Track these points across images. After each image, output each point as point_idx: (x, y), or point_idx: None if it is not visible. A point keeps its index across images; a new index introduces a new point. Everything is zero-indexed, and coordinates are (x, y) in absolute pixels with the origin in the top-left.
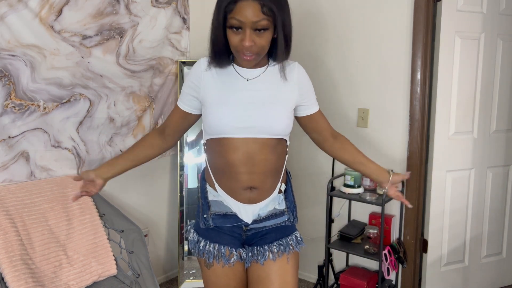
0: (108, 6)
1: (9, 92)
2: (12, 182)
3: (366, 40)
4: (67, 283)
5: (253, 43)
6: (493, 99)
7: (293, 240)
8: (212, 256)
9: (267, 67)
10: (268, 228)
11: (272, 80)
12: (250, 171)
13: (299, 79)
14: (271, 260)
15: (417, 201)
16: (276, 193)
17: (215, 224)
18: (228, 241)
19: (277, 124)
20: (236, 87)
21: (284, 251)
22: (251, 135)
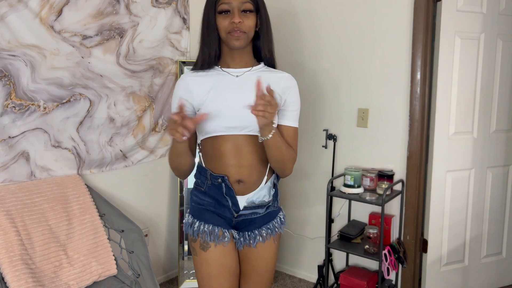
0: (108, 6)
1: (9, 92)
2: (12, 182)
3: (366, 40)
4: (67, 283)
5: (241, 20)
6: (493, 99)
7: (278, 222)
8: (207, 236)
9: (252, 67)
10: (256, 216)
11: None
12: (238, 163)
13: (287, 88)
14: (261, 242)
15: (417, 201)
16: (263, 185)
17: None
18: (221, 222)
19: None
20: (226, 86)
21: (272, 234)
22: (240, 132)
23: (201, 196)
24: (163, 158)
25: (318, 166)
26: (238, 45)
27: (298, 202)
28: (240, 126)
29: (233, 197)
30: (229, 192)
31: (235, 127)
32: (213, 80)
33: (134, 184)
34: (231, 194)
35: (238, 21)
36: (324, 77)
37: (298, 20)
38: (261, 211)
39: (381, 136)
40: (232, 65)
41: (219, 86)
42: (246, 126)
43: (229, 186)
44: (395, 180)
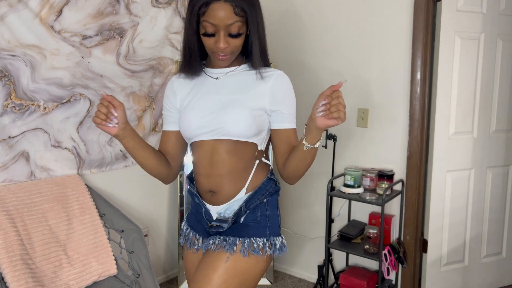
0: (108, 6)
1: (9, 92)
2: (12, 182)
3: (366, 40)
4: (67, 283)
5: (227, 45)
6: (493, 99)
7: (244, 243)
8: (183, 237)
9: (237, 67)
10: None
11: (241, 82)
12: (208, 173)
13: (275, 87)
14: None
15: (417, 201)
16: (238, 198)
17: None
18: (198, 228)
19: (235, 126)
20: (205, 89)
21: (224, 247)
22: (214, 137)
23: (191, 198)
24: None
25: (318, 166)
26: (224, 65)
27: (298, 202)
28: (213, 130)
29: (204, 205)
30: (199, 200)
31: (207, 132)
32: (194, 83)
33: (134, 184)
34: (201, 201)
35: (223, 47)
36: (324, 77)
37: (298, 20)
38: (225, 225)
39: (381, 136)
40: (213, 66)
41: (197, 89)
42: (217, 129)
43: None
44: (395, 180)
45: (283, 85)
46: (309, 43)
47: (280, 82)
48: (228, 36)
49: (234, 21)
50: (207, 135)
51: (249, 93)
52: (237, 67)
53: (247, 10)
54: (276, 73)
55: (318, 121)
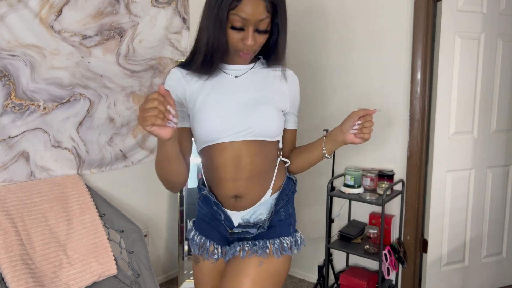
0: (108, 6)
1: (9, 92)
2: (12, 182)
3: (366, 40)
4: (67, 283)
5: (254, 42)
6: (493, 99)
7: (275, 244)
8: (197, 248)
9: (254, 64)
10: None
11: (262, 80)
12: (234, 177)
13: (292, 86)
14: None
15: (417, 201)
16: (264, 200)
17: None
18: (216, 236)
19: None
20: (223, 87)
21: (256, 252)
22: (241, 139)
23: (201, 204)
24: None
25: (318, 166)
26: (246, 62)
27: (298, 202)
28: (239, 131)
29: (224, 211)
30: (218, 206)
31: (233, 133)
32: (209, 80)
33: (134, 184)
34: (220, 208)
35: (251, 44)
36: (324, 77)
37: (298, 19)
38: (253, 231)
39: (381, 136)
40: (231, 61)
41: (212, 87)
42: (246, 128)
43: (216, 202)
44: (395, 180)
45: (297, 86)
46: (309, 43)
47: (296, 82)
48: (256, 32)
49: (265, 17)
50: (233, 137)
51: (272, 92)
52: (254, 64)
53: (278, 6)
54: (290, 72)
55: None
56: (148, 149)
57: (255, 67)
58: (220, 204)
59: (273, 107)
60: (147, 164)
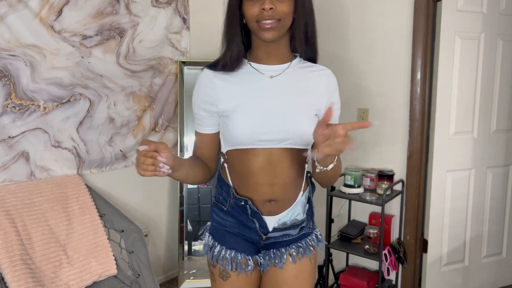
0: (108, 6)
1: (9, 92)
2: (12, 182)
3: (366, 40)
4: (67, 283)
5: (273, 5)
6: (493, 99)
7: (313, 240)
8: (229, 264)
9: (290, 63)
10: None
11: (299, 81)
12: (271, 182)
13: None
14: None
15: (417, 201)
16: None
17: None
18: (245, 247)
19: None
20: (259, 88)
21: (305, 253)
22: (277, 146)
23: (222, 215)
24: None
25: None
26: (271, 37)
27: None
28: (276, 139)
29: (260, 219)
30: (255, 215)
31: (269, 140)
32: (242, 81)
33: (134, 184)
34: (257, 216)
35: (269, 7)
36: None
37: None
38: (293, 232)
39: (381, 136)
40: (264, 61)
41: (246, 88)
42: (284, 138)
43: (254, 210)
44: (395, 180)
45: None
46: None
47: (334, 81)
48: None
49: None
50: (268, 144)
51: (310, 95)
52: (290, 62)
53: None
54: (327, 71)
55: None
56: None
57: (292, 67)
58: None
59: (310, 115)
60: None
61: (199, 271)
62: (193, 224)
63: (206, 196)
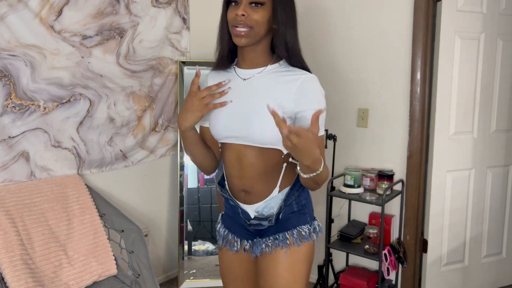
0: (108, 6)
1: (9, 92)
2: (12, 182)
3: (366, 40)
4: (67, 283)
5: (246, 13)
6: (493, 99)
7: (293, 234)
8: (221, 239)
9: (264, 68)
10: (261, 228)
11: (268, 86)
12: (239, 175)
13: (300, 91)
14: (267, 253)
15: (417, 201)
16: (273, 196)
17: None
18: (237, 230)
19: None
20: (233, 91)
21: (278, 245)
22: (240, 142)
23: (225, 201)
24: (163, 158)
25: None
26: (242, 42)
27: None
28: (239, 136)
29: (239, 205)
30: (233, 201)
31: (235, 137)
32: (227, 80)
33: (134, 184)
34: (235, 202)
35: (240, 13)
36: (324, 77)
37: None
38: (265, 223)
39: (381, 136)
40: (242, 65)
41: (228, 90)
42: (244, 136)
43: (230, 198)
44: (395, 180)
45: (309, 90)
46: (309, 44)
47: (307, 86)
48: (250, 5)
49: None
50: (233, 139)
51: (273, 99)
52: (264, 68)
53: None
54: (303, 77)
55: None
56: (148, 149)
57: (266, 71)
58: (234, 199)
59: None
60: (147, 164)
61: (199, 271)
62: (193, 224)
63: (206, 196)
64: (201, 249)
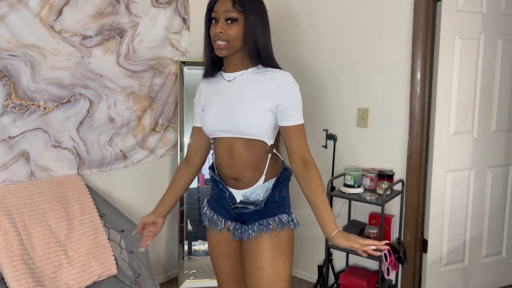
0: (108, 6)
1: (9, 92)
2: (12, 182)
3: (366, 40)
4: (67, 283)
5: (223, 30)
6: (493, 99)
7: (275, 221)
8: (207, 220)
9: (245, 71)
10: (250, 211)
11: (249, 84)
12: (229, 164)
13: (278, 87)
14: (253, 238)
15: (417, 201)
16: (259, 185)
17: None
18: (222, 212)
19: (246, 128)
20: (220, 91)
21: (263, 230)
22: (229, 135)
23: (213, 185)
24: (163, 158)
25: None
26: (222, 53)
27: (298, 202)
28: (227, 130)
29: (227, 189)
30: (222, 185)
31: (224, 131)
32: (213, 86)
33: (134, 184)
34: (224, 186)
35: (218, 31)
36: (324, 77)
37: (298, 20)
38: (251, 207)
39: (381, 136)
40: (227, 70)
41: (214, 91)
42: (232, 130)
43: (220, 181)
44: (395, 180)
45: (285, 85)
46: (309, 43)
47: (283, 82)
48: (226, 21)
49: (231, 9)
50: (223, 133)
51: (255, 95)
52: (245, 70)
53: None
54: (279, 74)
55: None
56: (148, 149)
57: (247, 73)
58: (224, 183)
59: (253, 110)
60: (147, 164)
61: (199, 271)
62: (193, 224)
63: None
64: (201, 249)
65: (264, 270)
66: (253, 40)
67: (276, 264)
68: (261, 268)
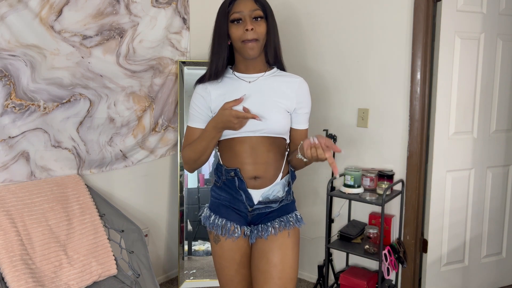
0: (108, 6)
1: (9, 92)
2: (12, 182)
3: (366, 40)
4: (67, 283)
5: (253, 27)
6: (493, 99)
7: (293, 217)
8: (219, 229)
9: (265, 73)
10: (270, 210)
11: (272, 85)
12: (254, 161)
13: (299, 91)
14: (273, 235)
15: (417, 201)
16: (278, 182)
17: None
18: (235, 218)
19: (277, 126)
20: (241, 91)
21: (285, 226)
22: (255, 134)
23: (218, 191)
24: (163, 158)
25: (318, 166)
26: (253, 54)
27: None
28: (255, 130)
29: (246, 191)
30: (241, 186)
31: (249, 131)
32: (227, 85)
33: (134, 184)
34: (243, 188)
35: (250, 28)
36: (324, 77)
37: (298, 21)
38: (275, 205)
39: (381, 136)
40: (244, 71)
41: (232, 91)
42: (260, 129)
43: (241, 179)
44: (395, 180)
45: (305, 92)
46: (309, 43)
47: (303, 88)
48: (252, 20)
49: (256, 8)
50: (249, 133)
51: (278, 96)
52: (265, 72)
53: (265, 6)
54: (299, 79)
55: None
56: (148, 149)
57: (266, 75)
58: (245, 182)
59: (282, 109)
60: (147, 164)
61: (199, 271)
62: (193, 224)
63: (206, 196)
64: (201, 249)
65: (288, 270)
66: (273, 39)
67: (293, 261)
68: (286, 267)
